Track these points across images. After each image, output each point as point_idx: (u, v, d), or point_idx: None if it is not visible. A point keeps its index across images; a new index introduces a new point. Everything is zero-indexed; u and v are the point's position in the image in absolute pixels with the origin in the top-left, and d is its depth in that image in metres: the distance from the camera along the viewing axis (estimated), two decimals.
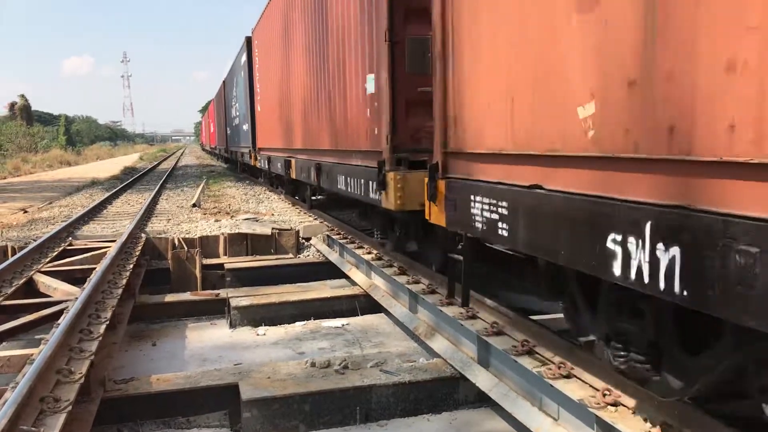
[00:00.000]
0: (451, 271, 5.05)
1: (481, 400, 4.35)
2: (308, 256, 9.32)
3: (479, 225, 4.00)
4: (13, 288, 6.49)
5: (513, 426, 4.03)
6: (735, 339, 2.67)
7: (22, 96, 77.13)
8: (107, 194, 17.86)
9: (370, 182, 6.40)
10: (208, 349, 5.90)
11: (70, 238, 9.68)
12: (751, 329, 2.02)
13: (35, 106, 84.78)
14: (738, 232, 2.02)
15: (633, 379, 3.24)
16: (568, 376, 3.59)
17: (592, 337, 3.74)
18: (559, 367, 3.66)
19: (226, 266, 8.44)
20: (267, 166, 15.28)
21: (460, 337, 4.77)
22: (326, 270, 8.42)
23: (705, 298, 2.16)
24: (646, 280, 2.45)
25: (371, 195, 6.42)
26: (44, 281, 6.85)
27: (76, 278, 7.08)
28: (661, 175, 2.40)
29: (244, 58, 18.09)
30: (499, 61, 3.69)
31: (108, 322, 5.20)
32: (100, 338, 4.78)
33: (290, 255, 9.37)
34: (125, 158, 61.35)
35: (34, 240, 9.24)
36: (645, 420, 3.06)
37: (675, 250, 2.34)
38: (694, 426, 2.88)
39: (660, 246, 2.39)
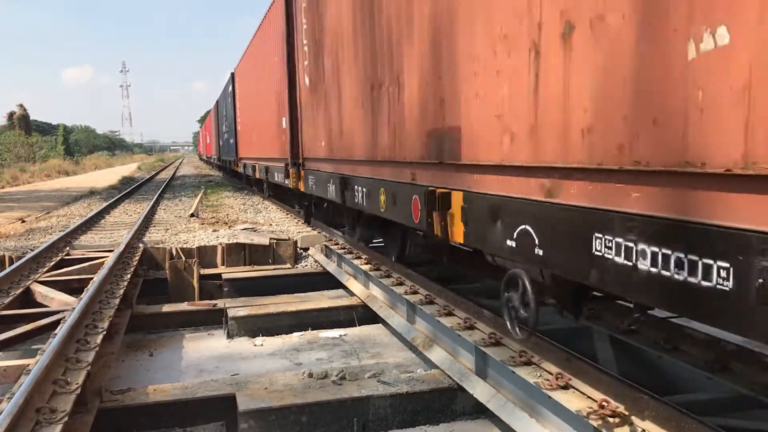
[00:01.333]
0: (306, 211, 11.81)
1: (479, 411, 4.34)
2: (306, 266, 9.31)
3: (312, 189, 8.93)
4: (10, 298, 6.47)
5: None
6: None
7: (21, 105, 77.25)
8: (105, 204, 17.85)
9: (284, 174, 11.26)
10: (205, 359, 5.88)
11: (68, 248, 9.66)
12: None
13: (34, 116, 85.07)
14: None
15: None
16: (566, 387, 3.58)
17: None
18: (557, 378, 3.65)
19: (224, 276, 8.43)
20: (244, 171, 20.55)
21: (457, 347, 4.76)
22: (324, 280, 8.41)
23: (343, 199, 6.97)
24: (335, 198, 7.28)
25: (285, 181, 11.15)
26: (41, 291, 6.83)
27: (73, 288, 7.07)
28: (334, 163, 7.65)
29: (230, 87, 23.05)
30: (311, 120, 8.86)
31: (105, 333, 5.19)
32: (97, 348, 4.76)
33: (288, 265, 9.36)
34: (123, 168, 61.39)
35: (32, 250, 9.23)
36: (643, 431, 3.05)
37: (334, 184, 7.32)
38: None
39: (332, 184, 7.42)
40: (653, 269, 2.37)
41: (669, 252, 2.30)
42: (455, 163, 4.12)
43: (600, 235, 2.66)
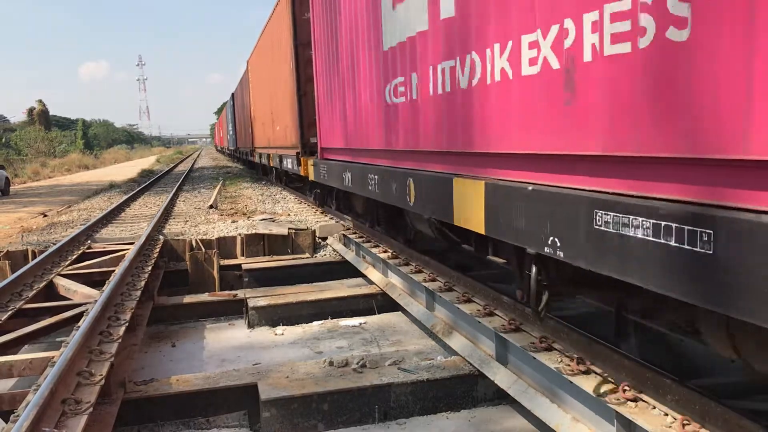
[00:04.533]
0: (257, 171, 26.93)
1: (500, 397, 4.34)
2: (325, 255, 9.34)
3: (258, 159, 20.99)
4: (34, 291, 6.55)
5: (532, 423, 4.02)
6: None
7: (40, 101, 77.96)
8: (125, 197, 17.99)
9: (249, 154, 25.08)
10: (227, 349, 5.93)
11: (89, 242, 9.77)
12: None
13: (53, 111, 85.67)
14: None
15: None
16: (587, 372, 3.57)
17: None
18: (578, 363, 3.63)
19: (244, 267, 8.47)
20: (239, 154, 33.87)
21: (477, 334, 4.76)
22: (343, 269, 8.43)
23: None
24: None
25: (252, 158, 24.15)
26: (64, 284, 6.91)
27: (95, 281, 7.15)
28: (260, 149, 20.62)
29: (231, 102, 36.54)
30: (257, 130, 20.80)
31: (127, 324, 5.25)
32: (120, 340, 4.82)
33: (307, 255, 9.39)
34: (142, 161, 61.84)
35: (54, 244, 9.33)
36: (665, 415, 3.03)
37: (260, 156, 20.44)
38: (715, 420, 2.85)
39: (258, 156, 21.06)
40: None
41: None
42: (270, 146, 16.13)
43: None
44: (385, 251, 7.66)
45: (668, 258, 2.25)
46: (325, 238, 9.87)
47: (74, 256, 8.40)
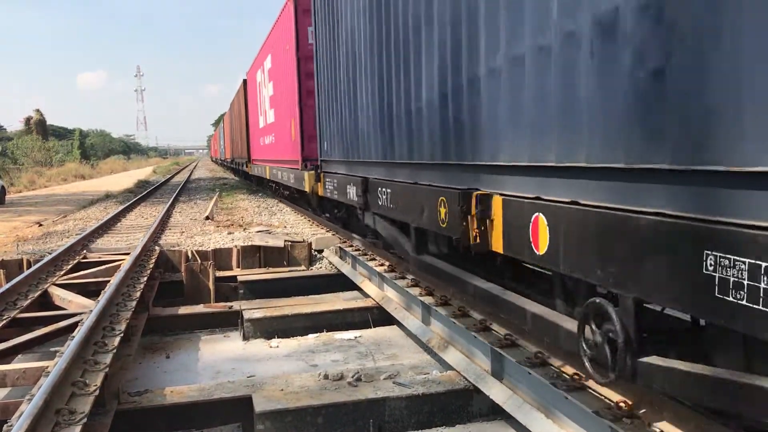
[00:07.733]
0: (237, 175, 40.01)
1: (495, 412, 4.33)
2: (321, 268, 9.34)
3: (237, 165, 34.50)
4: (29, 300, 6.54)
5: None
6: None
7: (38, 110, 77.82)
8: (121, 207, 17.98)
9: (230, 162, 39.21)
10: (222, 361, 5.91)
11: (85, 251, 9.75)
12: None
13: (50, 121, 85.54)
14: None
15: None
16: (582, 388, 3.57)
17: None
18: (574, 379, 3.64)
19: (239, 278, 8.46)
20: (225, 162, 45.12)
21: (473, 349, 4.75)
22: (339, 282, 8.42)
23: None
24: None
25: (232, 165, 38.74)
26: (59, 294, 6.90)
27: (90, 291, 7.13)
28: (235, 157, 34.98)
29: (221, 124, 48.73)
30: (240, 143, 30.61)
31: (122, 335, 5.23)
32: (115, 351, 4.80)
33: (303, 267, 9.39)
34: (139, 171, 61.81)
35: (49, 253, 9.31)
36: None
37: (236, 164, 37.66)
38: None
39: (235, 164, 36.93)
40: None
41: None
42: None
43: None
44: (382, 264, 7.66)
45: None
46: (321, 251, 9.87)
47: (69, 266, 8.39)
